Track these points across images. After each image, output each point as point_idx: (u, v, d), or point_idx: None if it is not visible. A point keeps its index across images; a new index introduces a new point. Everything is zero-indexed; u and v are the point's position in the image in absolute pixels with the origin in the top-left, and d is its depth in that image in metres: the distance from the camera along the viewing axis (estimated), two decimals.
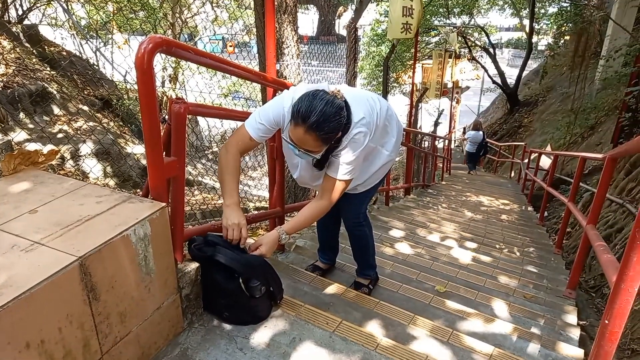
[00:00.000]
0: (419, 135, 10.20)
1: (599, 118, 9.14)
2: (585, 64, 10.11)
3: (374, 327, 1.97)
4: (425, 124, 19.76)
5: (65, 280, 1.12)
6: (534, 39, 18.37)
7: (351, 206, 2.26)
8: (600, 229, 4.62)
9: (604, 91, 9.74)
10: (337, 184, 1.83)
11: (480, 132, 12.00)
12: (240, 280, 1.69)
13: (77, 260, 1.15)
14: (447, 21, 18.52)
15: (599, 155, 3.32)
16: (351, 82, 6.57)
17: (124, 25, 10.67)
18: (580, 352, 2.10)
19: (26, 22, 7.65)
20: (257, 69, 4.19)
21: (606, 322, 1.33)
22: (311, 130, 1.61)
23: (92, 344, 1.24)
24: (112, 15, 10.42)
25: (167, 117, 1.57)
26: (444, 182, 9.70)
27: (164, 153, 1.52)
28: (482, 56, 20.17)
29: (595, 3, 11.16)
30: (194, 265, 1.69)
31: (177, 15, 10.81)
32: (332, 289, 2.27)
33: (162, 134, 1.52)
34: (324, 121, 1.60)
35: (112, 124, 6.89)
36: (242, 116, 1.98)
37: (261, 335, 1.69)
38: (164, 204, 1.44)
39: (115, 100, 7.39)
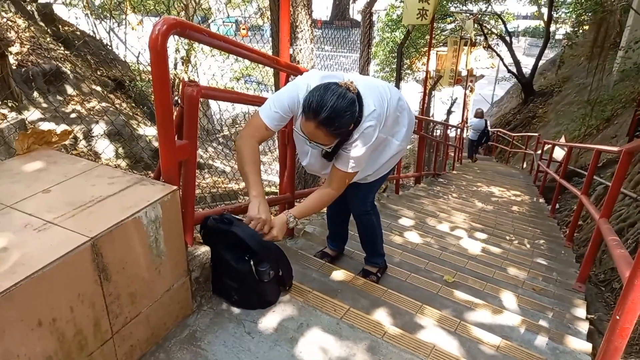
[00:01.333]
0: (431, 124, 10.11)
1: (616, 110, 8.97)
2: (603, 54, 9.90)
3: (381, 315, 1.98)
4: (438, 113, 19.56)
5: (77, 260, 1.13)
6: (552, 27, 17.99)
7: (359, 195, 2.25)
8: (612, 223, 4.56)
9: (621, 83, 9.54)
10: (344, 175, 1.83)
11: (483, 121, 12.42)
12: (252, 263, 1.70)
13: (89, 241, 1.16)
14: (464, 7, 18.21)
15: (615, 148, 3.27)
16: (364, 68, 6.51)
17: (137, 5, 10.65)
18: (588, 346, 2.09)
19: (41, 0, 7.66)
20: (269, 52, 4.16)
21: (617, 317, 1.32)
22: (322, 125, 1.59)
23: (102, 324, 1.25)
24: None
25: (179, 99, 1.57)
26: (455, 172, 9.63)
27: (176, 136, 1.52)
28: (497, 44, 19.83)
29: None
30: (204, 248, 1.70)
31: None
32: (340, 276, 2.28)
33: (174, 116, 1.52)
34: (336, 116, 1.58)
35: (124, 105, 6.92)
36: (255, 100, 1.96)
37: (269, 320, 1.70)
38: (175, 187, 1.44)
39: (128, 82, 7.41)
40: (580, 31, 15.66)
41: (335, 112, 1.57)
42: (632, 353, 2.68)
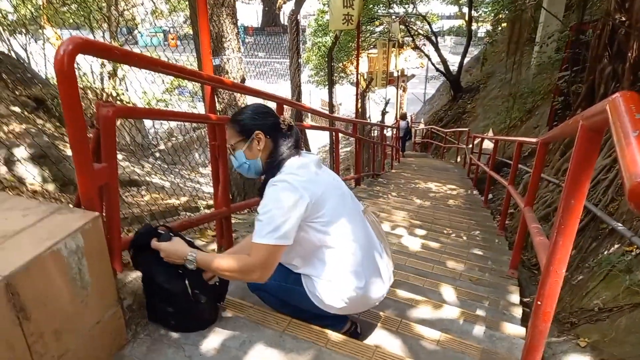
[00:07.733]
0: (368, 126, 10.32)
1: (536, 102, 9.57)
2: (520, 50, 10.53)
3: None
4: (373, 114, 20.02)
5: None
6: (474, 26, 18.95)
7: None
8: (539, 209, 4.85)
9: (539, 76, 10.19)
10: (258, 247, 1.52)
11: (406, 121, 15.40)
12: (187, 283, 1.64)
13: (3, 280, 1.08)
14: (390, 10, 18.77)
15: (533, 140, 3.48)
16: (295, 75, 6.53)
17: (55, 18, 10.10)
18: (522, 330, 2.20)
19: None
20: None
21: (539, 303, 1.39)
22: (229, 122, 1.72)
23: None
24: (41, 8, 9.85)
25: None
26: (393, 170, 9.88)
27: (95, 159, 1.45)
28: (425, 44, 20.62)
29: None
30: (136, 273, 1.64)
31: (113, 7, 10.35)
32: None
33: (90, 139, 1.45)
34: (240, 113, 1.72)
35: (48, 125, 6.54)
36: (176, 116, 1.91)
37: (210, 341, 1.66)
38: (96, 214, 1.37)
39: (50, 100, 7.01)
40: (499, 29, 16.61)
41: (241, 110, 1.72)
42: (564, 331, 2.85)
